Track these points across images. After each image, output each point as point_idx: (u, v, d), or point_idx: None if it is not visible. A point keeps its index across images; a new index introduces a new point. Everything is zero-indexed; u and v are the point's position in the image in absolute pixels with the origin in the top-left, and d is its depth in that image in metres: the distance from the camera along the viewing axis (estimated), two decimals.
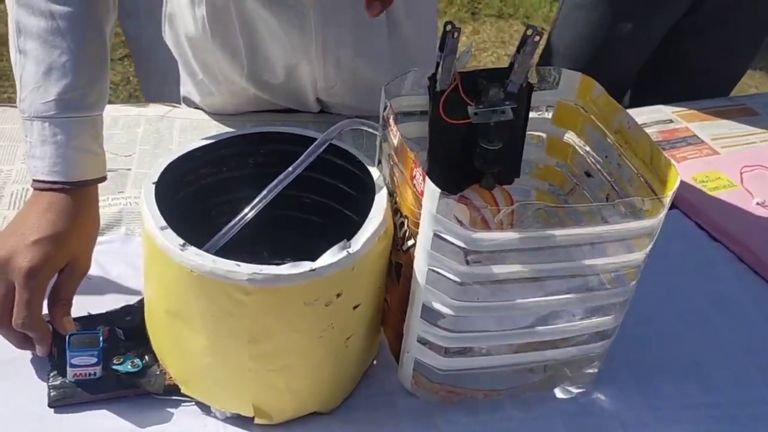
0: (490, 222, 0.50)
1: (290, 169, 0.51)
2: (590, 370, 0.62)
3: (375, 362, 0.63)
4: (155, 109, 0.90)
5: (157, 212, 0.50)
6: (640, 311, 0.62)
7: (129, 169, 0.80)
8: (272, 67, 0.83)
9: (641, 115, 1.01)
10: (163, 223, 0.49)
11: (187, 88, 0.90)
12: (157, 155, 0.82)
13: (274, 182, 0.51)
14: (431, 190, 0.48)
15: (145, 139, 0.85)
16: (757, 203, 0.85)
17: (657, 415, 0.62)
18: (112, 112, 0.86)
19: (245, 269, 0.46)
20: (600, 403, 0.62)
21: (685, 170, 0.89)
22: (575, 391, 0.62)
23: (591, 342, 0.59)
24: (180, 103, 0.93)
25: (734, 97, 1.11)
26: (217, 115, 0.89)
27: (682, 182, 0.87)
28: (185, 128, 0.87)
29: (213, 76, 0.85)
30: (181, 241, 0.48)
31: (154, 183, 0.52)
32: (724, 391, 0.64)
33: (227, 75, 0.85)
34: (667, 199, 0.51)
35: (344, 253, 0.48)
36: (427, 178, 0.49)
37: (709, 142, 0.98)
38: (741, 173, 0.89)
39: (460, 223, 0.48)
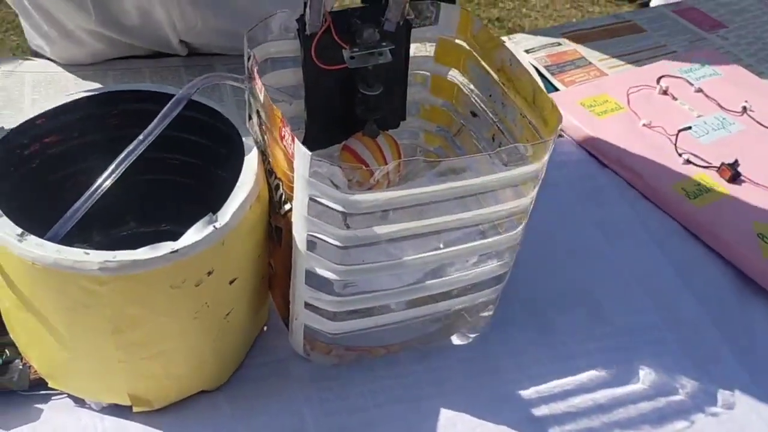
0: (367, 181, 0.47)
1: (141, 137, 0.45)
2: (486, 314, 0.61)
3: (266, 328, 0.59)
4: (1, 64, 0.80)
5: None
6: (531, 246, 0.61)
7: None
8: (123, 11, 0.75)
9: (530, 39, 0.99)
10: None
11: (35, 41, 0.81)
12: (4, 117, 0.73)
13: (123, 154, 0.45)
14: (302, 153, 0.44)
15: None
16: (644, 125, 0.85)
17: (552, 351, 0.62)
18: None
19: (96, 257, 0.41)
20: (496, 346, 0.61)
21: (572, 95, 0.89)
22: (472, 336, 0.61)
23: (485, 288, 0.58)
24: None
25: (620, 14, 1.11)
26: (73, 66, 0.80)
27: (571, 109, 0.87)
28: (38, 84, 0.78)
29: (60, 25, 0.76)
30: (19, 231, 0.42)
31: None
32: (615, 320, 0.65)
33: (76, 22, 0.75)
34: (551, 142, 0.49)
35: (211, 228, 0.44)
36: (296, 139, 0.44)
37: (596, 64, 0.97)
38: (628, 95, 0.89)
39: (336, 186, 0.44)
